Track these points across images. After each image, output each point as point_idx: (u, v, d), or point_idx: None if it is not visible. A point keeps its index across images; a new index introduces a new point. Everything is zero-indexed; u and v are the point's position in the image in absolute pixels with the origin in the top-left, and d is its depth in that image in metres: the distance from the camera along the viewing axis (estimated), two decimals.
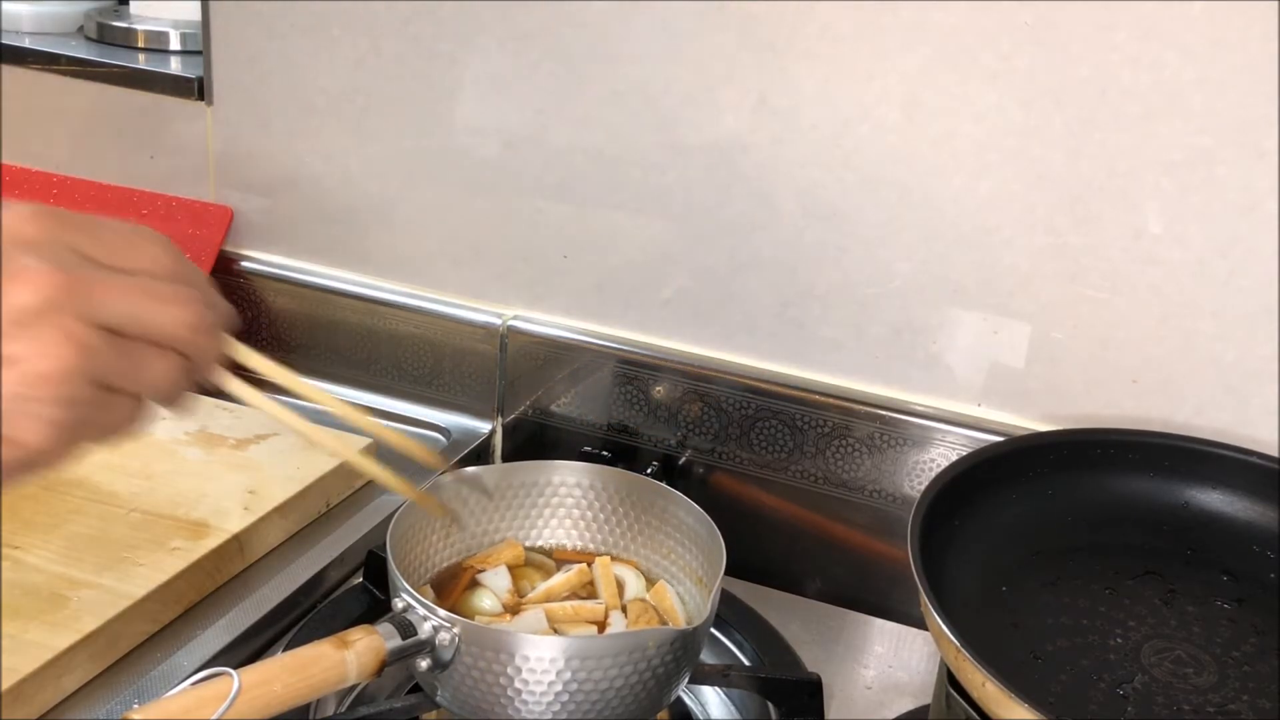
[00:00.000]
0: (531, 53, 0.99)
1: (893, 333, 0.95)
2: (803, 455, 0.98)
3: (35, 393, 0.44)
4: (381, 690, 0.82)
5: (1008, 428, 0.92)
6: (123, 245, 0.48)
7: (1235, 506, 0.79)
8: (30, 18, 1.24)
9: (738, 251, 0.98)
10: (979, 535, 0.75)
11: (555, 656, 0.67)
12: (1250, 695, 0.66)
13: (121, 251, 0.47)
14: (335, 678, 0.64)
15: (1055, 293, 0.90)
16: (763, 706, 0.81)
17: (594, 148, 1.00)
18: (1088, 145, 0.86)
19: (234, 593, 0.85)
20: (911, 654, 0.91)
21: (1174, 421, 0.88)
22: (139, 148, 1.18)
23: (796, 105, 0.93)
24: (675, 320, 1.02)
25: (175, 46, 1.20)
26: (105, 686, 0.76)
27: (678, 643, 0.70)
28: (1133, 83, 0.83)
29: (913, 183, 0.91)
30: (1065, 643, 0.69)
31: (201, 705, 0.58)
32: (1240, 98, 0.81)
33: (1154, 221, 0.86)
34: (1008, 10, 0.85)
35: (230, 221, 1.16)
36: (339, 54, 1.06)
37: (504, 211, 1.05)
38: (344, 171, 1.10)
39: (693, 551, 0.82)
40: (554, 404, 1.06)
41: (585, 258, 1.04)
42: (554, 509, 0.87)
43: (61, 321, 0.44)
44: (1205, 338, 0.87)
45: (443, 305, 1.09)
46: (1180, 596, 0.73)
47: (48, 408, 0.45)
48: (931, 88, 0.88)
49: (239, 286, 1.16)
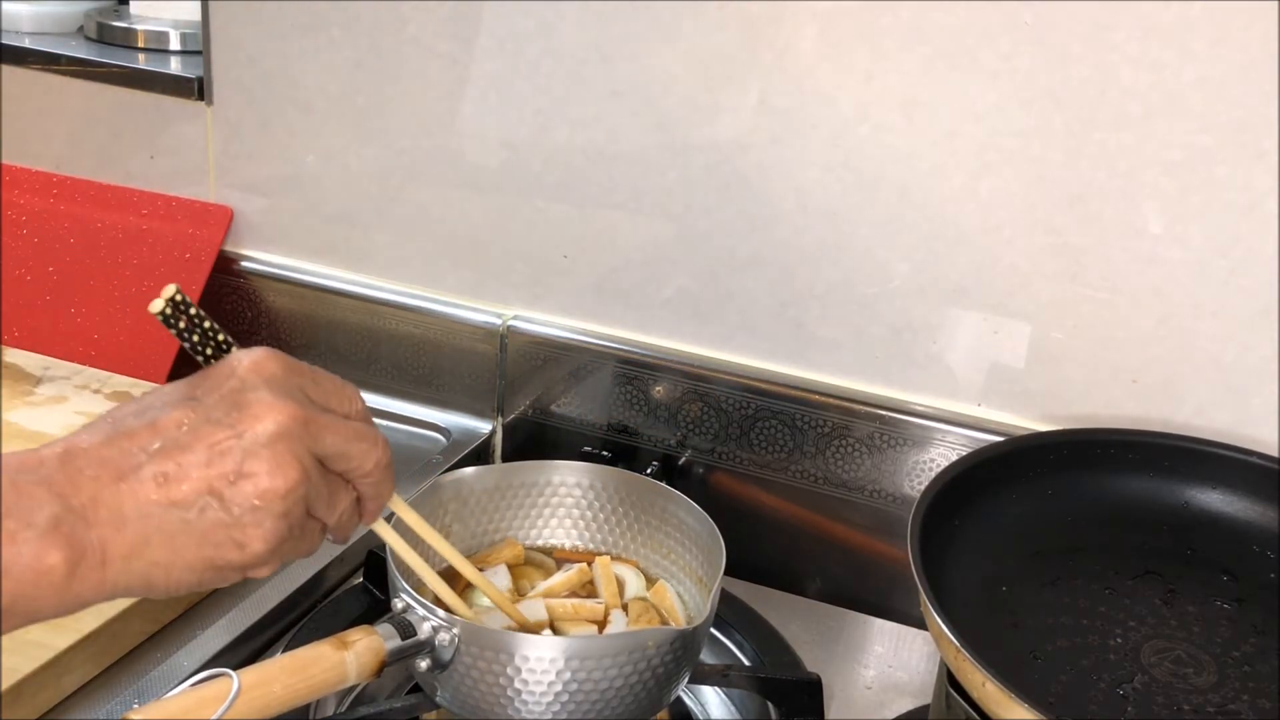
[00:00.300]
0: (531, 53, 0.99)
1: (893, 333, 0.95)
2: (803, 455, 0.98)
3: (266, 505, 0.51)
4: (381, 690, 0.82)
5: (1008, 428, 0.92)
6: (333, 390, 0.57)
7: (1235, 506, 0.79)
8: (30, 18, 1.24)
9: (738, 251, 0.98)
10: (979, 535, 0.75)
11: (555, 656, 0.67)
12: (1250, 695, 0.66)
13: (333, 395, 0.56)
14: (335, 678, 0.64)
15: (1055, 293, 0.90)
16: (763, 706, 0.81)
17: (594, 148, 1.00)
18: (1088, 145, 0.86)
19: (234, 593, 0.85)
20: (911, 654, 0.91)
21: (1174, 421, 0.88)
22: (139, 148, 1.18)
23: (796, 105, 0.93)
24: (675, 320, 1.02)
25: (175, 46, 1.20)
26: (105, 686, 0.76)
27: (678, 642, 0.70)
28: (1133, 83, 0.83)
29: (913, 183, 0.91)
30: (1065, 643, 0.69)
31: (201, 706, 0.58)
32: (1240, 98, 0.81)
33: (1154, 221, 0.86)
34: (1008, 10, 0.85)
35: (230, 221, 1.16)
36: (339, 54, 1.06)
37: (504, 211, 1.05)
38: (344, 171, 1.10)
39: (693, 551, 0.82)
40: (554, 404, 1.06)
41: (585, 258, 1.04)
42: (554, 509, 0.87)
43: (292, 447, 0.52)
44: (1205, 338, 0.87)
45: (443, 305, 1.09)
46: (1180, 596, 0.73)
47: (272, 519, 0.52)
48: (931, 88, 0.88)
49: (239, 286, 1.16)
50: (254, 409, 0.52)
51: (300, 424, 0.52)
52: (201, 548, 0.51)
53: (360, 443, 0.56)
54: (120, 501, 0.49)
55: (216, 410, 0.52)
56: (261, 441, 0.51)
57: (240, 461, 0.51)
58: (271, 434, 0.51)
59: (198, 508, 0.50)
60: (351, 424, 0.56)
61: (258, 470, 0.51)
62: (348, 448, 0.55)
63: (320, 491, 0.54)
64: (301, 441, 0.52)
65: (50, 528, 0.47)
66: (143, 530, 0.50)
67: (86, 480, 0.49)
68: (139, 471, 0.50)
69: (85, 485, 0.49)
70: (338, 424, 0.55)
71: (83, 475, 0.49)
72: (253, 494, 0.51)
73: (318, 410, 0.54)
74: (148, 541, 0.50)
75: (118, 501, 0.49)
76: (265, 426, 0.51)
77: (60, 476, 0.49)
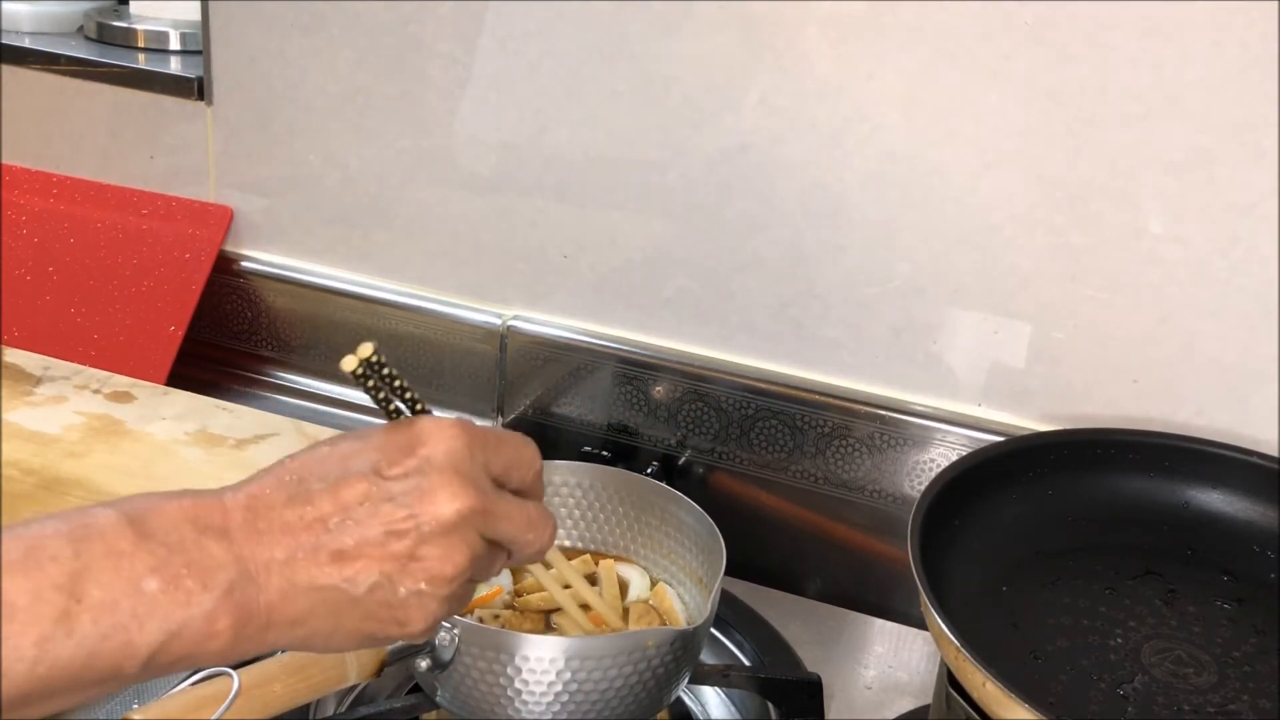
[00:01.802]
0: (531, 53, 0.99)
1: (893, 333, 0.95)
2: (803, 455, 0.98)
3: (433, 590, 0.52)
4: (381, 690, 0.82)
5: (1008, 428, 0.92)
6: (514, 458, 0.56)
7: (1235, 506, 0.79)
8: (30, 18, 1.24)
9: (738, 251, 0.98)
10: (979, 535, 0.75)
11: (555, 656, 0.67)
12: (1250, 695, 0.66)
13: (514, 466, 0.56)
14: (335, 678, 0.64)
15: (1055, 293, 0.90)
16: (763, 706, 0.81)
17: (594, 148, 1.00)
18: (1088, 145, 0.86)
19: None
20: (911, 654, 0.91)
21: (1174, 421, 0.88)
22: (139, 148, 1.18)
23: (797, 105, 0.92)
24: (675, 320, 1.02)
25: (175, 46, 1.21)
26: None
27: (678, 643, 0.70)
28: (1133, 83, 0.83)
29: (913, 183, 0.91)
30: (1065, 643, 0.69)
31: (201, 705, 0.58)
32: (1240, 98, 0.81)
33: (1154, 221, 0.86)
34: (1008, 10, 0.85)
35: (230, 221, 1.16)
36: (339, 54, 1.06)
37: (504, 211, 1.05)
38: (344, 171, 1.10)
39: (693, 552, 0.82)
40: (554, 404, 1.06)
41: (585, 258, 1.04)
42: (554, 509, 0.87)
43: (467, 536, 0.52)
44: (1205, 338, 0.87)
45: (443, 305, 1.09)
46: (1180, 596, 0.73)
47: (436, 602, 0.52)
48: (931, 87, 0.88)
49: (239, 286, 1.16)
50: (435, 495, 0.52)
51: (478, 513, 0.53)
52: (365, 622, 0.51)
53: (529, 533, 0.56)
54: (294, 573, 0.50)
55: (398, 487, 0.52)
56: (438, 530, 0.51)
57: (415, 546, 0.51)
58: (449, 523, 0.52)
59: (367, 587, 0.51)
60: (526, 511, 0.56)
61: (430, 556, 0.51)
62: (517, 536, 0.55)
63: (483, 567, 0.55)
64: (476, 530, 0.53)
65: (225, 593, 0.48)
66: (310, 603, 0.50)
67: (265, 544, 0.50)
68: (317, 546, 0.50)
69: (263, 549, 0.49)
70: (513, 513, 0.55)
71: (262, 538, 0.50)
72: (422, 579, 0.51)
73: (495, 497, 0.54)
74: (313, 612, 0.50)
75: (291, 572, 0.50)
76: (444, 515, 0.51)
77: (242, 536, 0.49)
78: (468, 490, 0.52)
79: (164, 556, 0.47)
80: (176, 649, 0.47)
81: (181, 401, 1.05)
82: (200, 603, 0.47)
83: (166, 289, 1.14)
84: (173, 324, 1.13)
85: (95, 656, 0.45)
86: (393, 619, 0.52)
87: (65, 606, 0.44)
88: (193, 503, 0.50)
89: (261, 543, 0.49)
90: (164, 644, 0.46)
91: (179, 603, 0.47)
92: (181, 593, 0.47)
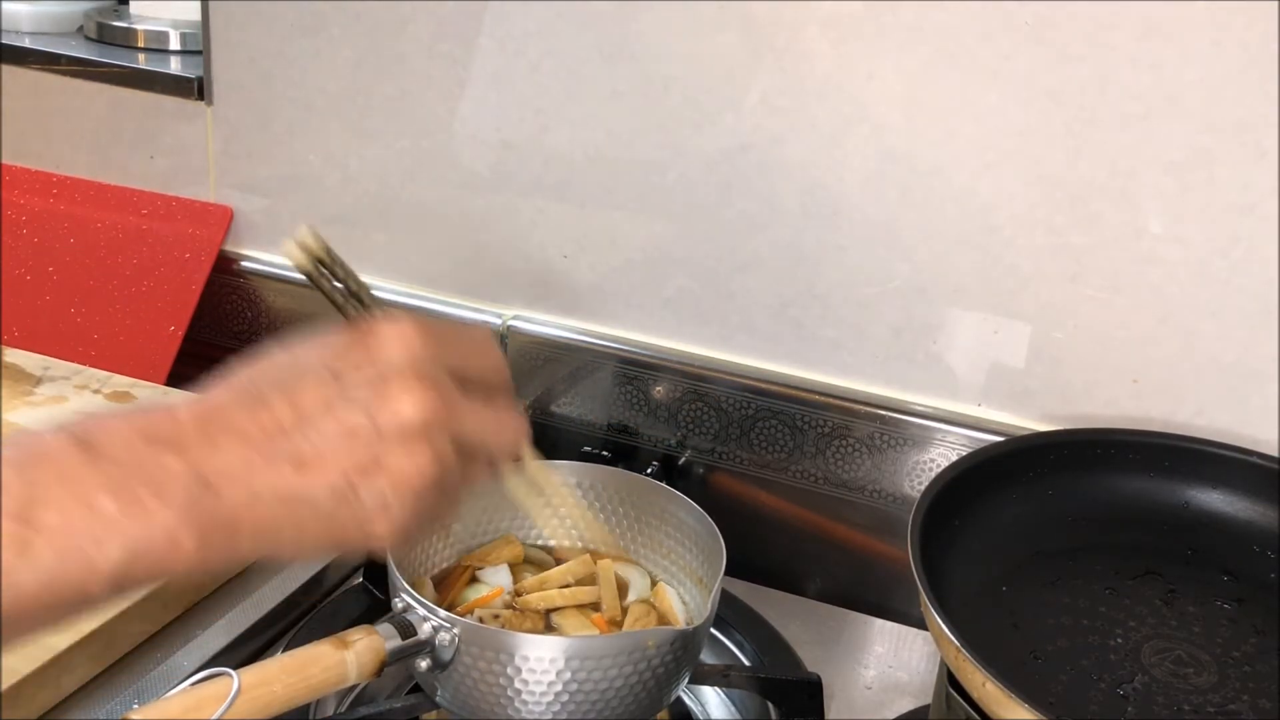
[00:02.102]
0: (531, 53, 0.99)
1: (893, 333, 0.95)
2: (803, 455, 0.98)
3: (398, 498, 0.50)
4: (381, 690, 0.82)
5: (1008, 428, 0.92)
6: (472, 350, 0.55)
7: (1235, 506, 0.79)
8: (30, 18, 1.24)
9: (738, 251, 0.98)
10: (979, 535, 0.75)
11: (555, 656, 0.67)
12: (1250, 695, 0.66)
13: (472, 355, 0.55)
14: (335, 678, 0.64)
15: (1055, 293, 0.90)
16: (763, 706, 0.81)
17: (594, 148, 1.00)
18: (1088, 145, 0.86)
19: (234, 593, 0.85)
20: (911, 654, 0.91)
21: (1174, 421, 0.88)
22: (139, 148, 1.18)
23: (797, 105, 0.92)
24: (675, 320, 1.02)
25: (175, 46, 1.20)
26: (105, 686, 0.76)
27: (678, 643, 0.70)
28: (1133, 83, 0.83)
29: (913, 183, 0.91)
30: (1065, 643, 0.69)
31: (201, 705, 0.58)
32: (1240, 98, 0.81)
33: (1154, 221, 0.86)
34: (1008, 10, 0.85)
35: (230, 221, 1.16)
36: (339, 54, 1.06)
37: (504, 211, 1.05)
38: (344, 171, 1.10)
39: (693, 551, 0.82)
40: (554, 404, 1.06)
41: (585, 258, 1.04)
42: (554, 508, 0.87)
43: (432, 440, 0.50)
44: (1205, 338, 0.87)
45: (443, 305, 1.09)
46: (1180, 596, 0.73)
47: (401, 510, 0.50)
48: (931, 87, 0.88)
49: (239, 286, 1.16)
50: (395, 397, 0.50)
51: (442, 415, 0.51)
52: (329, 529, 0.50)
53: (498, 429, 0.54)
54: (254, 481, 0.48)
55: (356, 390, 0.50)
56: (399, 433, 0.50)
57: (376, 449, 0.49)
58: (410, 425, 0.50)
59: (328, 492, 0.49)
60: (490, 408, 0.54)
61: (394, 464, 0.50)
62: (485, 435, 0.54)
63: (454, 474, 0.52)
64: (439, 431, 0.51)
65: (185, 506, 0.46)
66: (273, 511, 0.48)
67: (221, 453, 0.48)
68: (275, 453, 0.48)
69: (220, 458, 0.48)
70: (478, 412, 0.53)
71: (218, 447, 0.48)
72: (386, 487, 0.50)
73: (456, 395, 0.52)
74: (277, 520, 0.49)
75: (251, 480, 0.48)
76: (405, 415, 0.50)
77: (196, 446, 0.47)
78: (427, 390, 0.50)
79: (116, 474, 0.46)
80: (142, 566, 0.46)
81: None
82: (159, 517, 0.46)
83: (166, 289, 1.14)
84: (173, 324, 1.13)
85: (57, 580, 0.44)
86: (357, 526, 0.50)
87: (23, 535, 0.43)
88: (143, 417, 0.48)
89: (218, 452, 0.48)
90: (127, 562, 0.45)
91: (137, 519, 0.45)
92: (138, 509, 0.45)
